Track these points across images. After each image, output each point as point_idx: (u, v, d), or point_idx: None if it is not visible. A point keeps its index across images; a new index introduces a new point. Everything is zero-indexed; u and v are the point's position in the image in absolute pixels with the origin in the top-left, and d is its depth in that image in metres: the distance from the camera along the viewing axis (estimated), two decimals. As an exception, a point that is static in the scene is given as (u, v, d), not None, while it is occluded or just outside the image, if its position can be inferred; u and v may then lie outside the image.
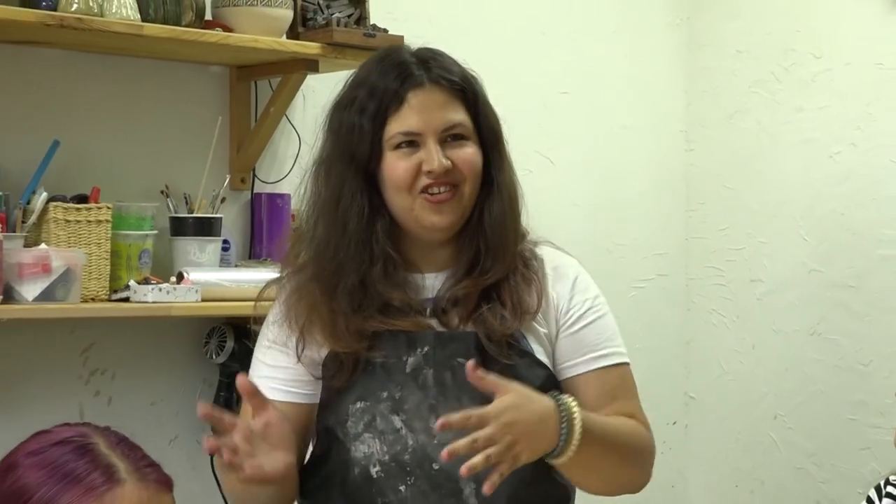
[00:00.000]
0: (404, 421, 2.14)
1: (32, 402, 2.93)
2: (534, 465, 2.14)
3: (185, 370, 3.17)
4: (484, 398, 2.09)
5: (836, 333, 3.85)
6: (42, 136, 2.88)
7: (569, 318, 2.27)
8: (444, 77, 2.17)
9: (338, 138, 2.20)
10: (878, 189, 3.78)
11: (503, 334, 2.17)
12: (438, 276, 2.23)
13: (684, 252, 4.19)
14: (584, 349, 2.26)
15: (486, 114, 2.24)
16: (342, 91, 2.24)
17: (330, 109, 2.26)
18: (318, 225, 2.22)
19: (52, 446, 1.76)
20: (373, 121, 2.15)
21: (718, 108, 4.13)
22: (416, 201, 2.15)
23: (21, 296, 2.69)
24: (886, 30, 3.76)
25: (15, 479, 1.74)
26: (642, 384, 4.11)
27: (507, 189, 2.26)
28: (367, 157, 2.16)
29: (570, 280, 2.33)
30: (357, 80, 2.22)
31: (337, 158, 2.19)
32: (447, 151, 2.15)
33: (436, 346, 2.17)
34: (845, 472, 3.81)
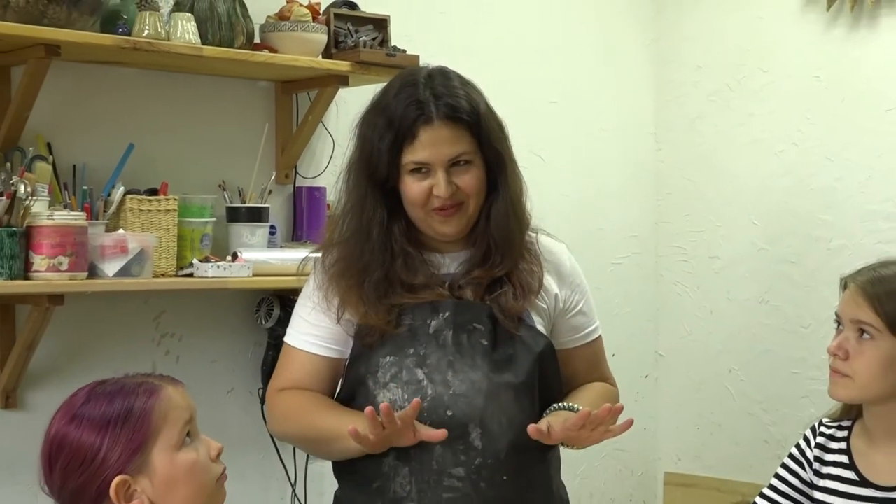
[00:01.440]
0: (426, 374, 2.16)
1: (114, 361, 2.93)
2: (530, 411, 2.20)
3: (239, 334, 3.18)
4: (492, 360, 2.17)
5: (781, 301, 3.86)
6: (119, 140, 2.89)
7: (566, 309, 2.36)
8: (451, 114, 2.17)
9: (362, 154, 2.22)
10: (815, 181, 3.78)
11: (513, 312, 2.21)
12: (455, 255, 2.27)
13: (654, 234, 4.20)
14: (576, 331, 2.39)
15: (488, 134, 2.23)
16: (369, 107, 2.25)
17: (359, 120, 2.26)
18: (348, 222, 2.25)
19: (84, 405, 1.80)
20: (390, 150, 2.17)
21: (682, 114, 4.13)
22: (428, 215, 2.20)
23: (103, 272, 2.71)
24: (822, 49, 3.76)
25: (73, 442, 1.77)
26: (620, 345, 4.17)
27: (510, 194, 2.27)
28: (386, 177, 2.19)
29: (566, 271, 2.40)
30: (380, 105, 2.22)
31: (360, 172, 2.22)
32: (453, 177, 2.18)
33: (455, 313, 2.20)
34: (788, 416, 3.82)
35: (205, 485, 1.81)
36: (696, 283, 4.10)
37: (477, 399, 2.15)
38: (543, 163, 3.87)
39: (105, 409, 1.77)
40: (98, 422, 1.77)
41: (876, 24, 3.64)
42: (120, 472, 1.75)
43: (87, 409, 1.78)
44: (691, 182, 4.10)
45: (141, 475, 1.76)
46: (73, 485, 1.77)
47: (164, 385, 1.82)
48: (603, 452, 4.02)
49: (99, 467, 1.75)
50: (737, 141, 3.98)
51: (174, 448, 1.77)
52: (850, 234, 3.68)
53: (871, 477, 2.22)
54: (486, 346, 2.19)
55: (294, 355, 2.28)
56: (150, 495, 1.76)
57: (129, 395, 1.79)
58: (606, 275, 4.04)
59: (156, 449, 1.76)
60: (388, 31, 3.20)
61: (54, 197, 2.71)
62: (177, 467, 1.77)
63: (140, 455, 1.76)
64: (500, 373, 2.18)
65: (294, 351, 2.28)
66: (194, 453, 1.79)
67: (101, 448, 1.75)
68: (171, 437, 1.77)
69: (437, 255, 2.25)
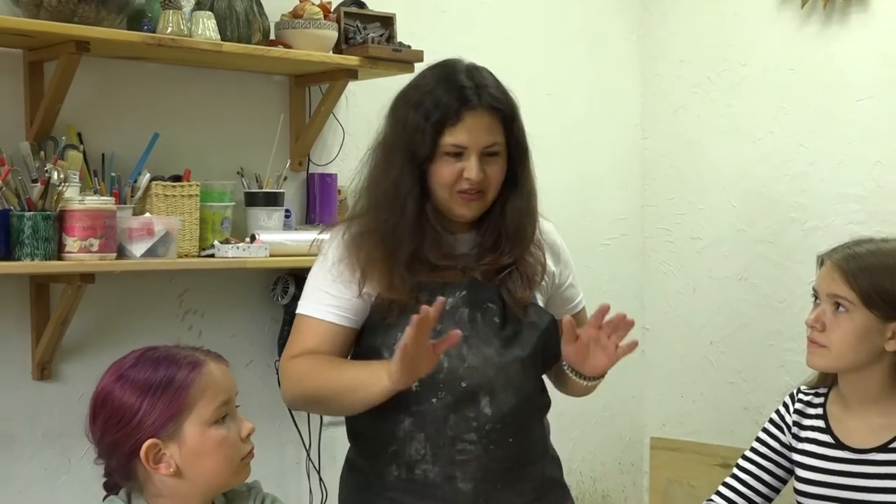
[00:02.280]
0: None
1: (140, 336, 2.93)
2: (534, 381, 2.25)
3: (257, 310, 3.18)
4: (502, 336, 2.21)
5: (758, 278, 3.86)
6: (145, 130, 2.88)
7: (560, 283, 2.39)
8: (493, 104, 2.19)
9: (403, 130, 2.19)
10: (790, 167, 3.78)
11: (521, 300, 2.24)
12: (463, 237, 2.26)
13: (640, 217, 4.19)
14: (567, 303, 2.43)
15: (516, 132, 2.25)
16: (409, 89, 2.23)
17: (397, 100, 2.24)
18: (380, 197, 2.21)
19: (131, 367, 1.80)
20: (434, 128, 2.15)
21: (666, 105, 4.12)
22: (452, 196, 2.19)
23: (131, 253, 2.70)
24: (796, 44, 3.75)
25: (115, 401, 1.77)
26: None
27: (527, 190, 2.29)
28: (425, 156, 2.17)
29: (558, 250, 2.42)
30: (425, 87, 2.20)
31: (401, 149, 2.19)
32: (484, 164, 2.17)
33: (470, 292, 2.22)
34: (765, 385, 3.83)
35: (230, 460, 1.81)
36: (680, 262, 4.09)
37: (489, 371, 2.18)
38: (537, 150, 3.84)
39: (149, 374, 1.78)
40: (141, 385, 1.77)
41: (847, 20, 3.63)
42: (153, 436, 1.75)
43: (133, 372, 1.79)
44: (675, 168, 4.10)
45: (172, 442, 1.76)
46: (109, 438, 1.78)
47: (209, 361, 1.82)
48: (594, 419, 4.03)
49: (135, 428, 1.76)
50: (717, 130, 3.97)
51: (207, 423, 1.77)
52: (822, 216, 3.68)
53: (846, 440, 2.23)
54: (497, 324, 2.22)
55: (311, 324, 2.23)
56: (177, 461, 1.77)
57: (174, 365, 1.78)
58: (596, 255, 4.04)
59: (189, 420, 1.76)
60: (394, 28, 3.19)
61: (85, 183, 2.71)
62: (206, 441, 1.77)
63: (173, 423, 1.76)
64: (509, 347, 2.21)
65: (311, 320, 2.23)
66: (225, 431, 1.79)
67: (139, 410, 1.76)
68: (205, 411, 1.77)
69: (449, 236, 2.24)
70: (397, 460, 2.19)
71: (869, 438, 2.20)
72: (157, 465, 1.76)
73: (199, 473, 1.79)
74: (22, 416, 2.79)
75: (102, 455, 1.81)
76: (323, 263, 2.26)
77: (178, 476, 1.77)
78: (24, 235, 2.52)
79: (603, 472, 4.07)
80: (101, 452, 1.81)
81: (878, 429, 2.20)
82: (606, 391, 4.05)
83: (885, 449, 2.17)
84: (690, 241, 4.06)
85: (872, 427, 2.20)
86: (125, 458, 1.77)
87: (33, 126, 2.73)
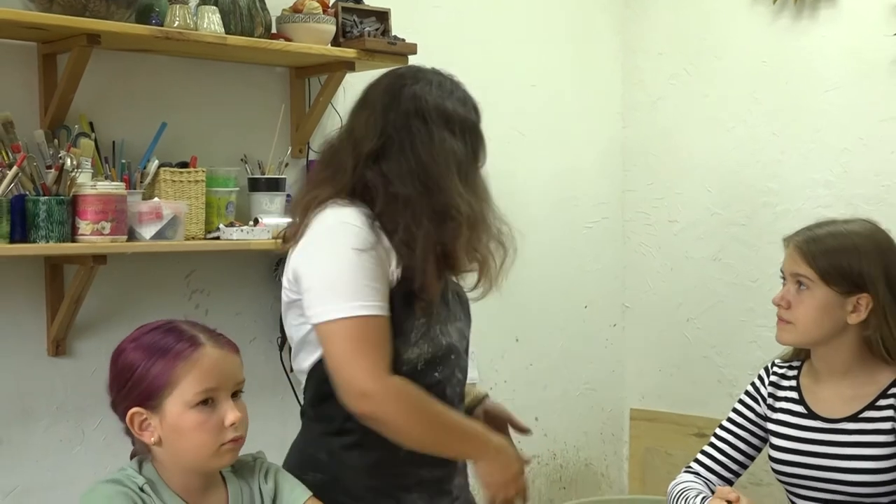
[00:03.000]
0: (439, 329, 2.11)
1: (150, 314, 2.89)
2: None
3: (260, 289, 3.16)
4: (462, 311, 2.24)
5: (732, 259, 3.85)
6: (153, 119, 2.86)
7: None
8: None
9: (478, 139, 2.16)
10: (762, 154, 3.77)
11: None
12: None
13: (621, 201, 4.18)
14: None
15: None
16: (454, 105, 2.12)
17: (448, 111, 2.10)
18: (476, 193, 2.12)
19: (147, 332, 1.79)
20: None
21: (646, 96, 4.10)
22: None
23: (141, 235, 2.69)
24: (768, 37, 3.74)
25: (123, 360, 1.77)
26: (591, 298, 4.16)
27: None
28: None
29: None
30: (469, 116, 2.14)
31: (474, 161, 2.14)
32: None
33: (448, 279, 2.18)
34: (738, 359, 3.82)
35: (205, 445, 1.75)
36: (658, 244, 4.08)
37: (462, 342, 2.21)
38: (524, 138, 3.85)
39: (153, 343, 1.77)
40: (142, 353, 1.76)
41: (816, 15, 3.62)
42: (139, 405, 1.74)
43: (146, 338, 1.79)
44: (653, 156, 4.08)
45: (154, 414, 1.75)
46: (112, 395, 1.79)
47: (207, 345, 1.77)
48: (577, 392, 4.03)
49: (127, 392, 1.76)
50: (693, 119, 3.95)
51: (187, 404, 1.73)
52: (792, 200, 3.67)
53: (819, 410, 2.23)
54: (458, 300, 2.22)
55: (378, 324, 1.96)
56: (159, 433, 1.75)
57: (172, 341, 1.77)
58: (579, 237, 4.03)
59: (171, 397, 1.74)
60: (390, 22, 3.18)
61: (96, 169, 2.69)
62: (183, 420, 1.74)
63: (157, 397, 1.74)
64: (465, 321, 2.24)
65: (377, 320, 1.96)
66: (204, 416, 1.74)
67: (132, 376, 1.75)
68: (187, 392, 1.73)
69: None
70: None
71: (840, 409, 2.20)
72: (141, 433, 1.76)
73: (178, 449, 1.76)
74: (38, 390, 2.78)
75: (111, 408, 1.82)
76: (357, 258, 1.95)
77: (160, 446, 1.76)
78: (39, 219, 2.50)
79: (585, 441, 4.07)
80: (114, 406, 1.81)
81: (849, 399, 2.19)
82: (589, 365, 4.08)
83: (856, 419, 2.17)
84: (668, 224, 4.05)
85: (844, 398, 2.20)
86: (122, 418, 1.78)
87: (47, 115, 2.71)
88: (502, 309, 3.73)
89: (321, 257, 1.98)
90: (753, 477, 3.19)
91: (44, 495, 2.78)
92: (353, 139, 2.08)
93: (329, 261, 1.97)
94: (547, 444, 3.93)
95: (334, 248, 1.97)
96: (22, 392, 2.76)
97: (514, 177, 3.82)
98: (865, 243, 2.17)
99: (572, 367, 4.02)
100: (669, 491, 2.32)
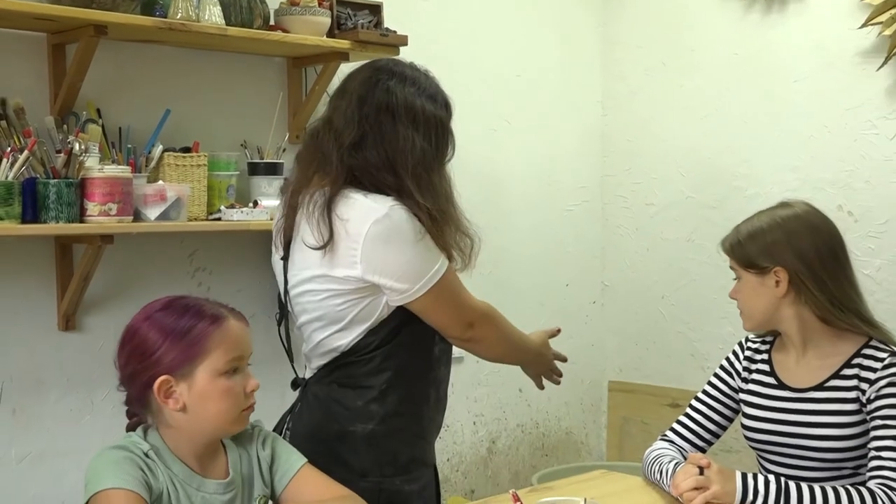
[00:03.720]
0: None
1: (155, 291, 2.87)
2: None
3: (259, 268, 3.14)
4: None
5: (704, 240, 3.84)
6: (158, 106, 2.84)
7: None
8: None
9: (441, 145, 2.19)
10: (733, 140, 3.76)
11: None
12: None
13: (601, 185, 4.17)
14: None
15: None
16: (436, 106, 2.18)
17: (432, 111, 2.16)
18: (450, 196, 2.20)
19: (164, 308, 1.79)
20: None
21: (625, 86, 4.09)
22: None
23: (146, 216, 2.67)
24: (740, 30, 3.73)
25: (144, 334, 1.77)
26: (572, 277, 4.15)
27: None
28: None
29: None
30: (437, 113, 2.17)
31: (438, 159, 2.18)
32: None
33: None
34: (710, 334, 3.82)
35: (230, 410, 1.79)
36: (635, 226, 4.08)
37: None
38: (510, 126, 3.84)
39: (175, 320, 1.78)
40: (164, 328, 1.77)
41: (785, 9, 3.61)
42: (167, 373, 1.74)
43: (161, 315, 1.79)
44: (631, 142, 4.07)
45: (183, 381, 1.75)
46: (131, 369, 1.78)
47: (231, 318, 1.81)
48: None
49: (153, 363, 1.76)
50: (669, 108, 3.94)
51: (217, 372, 1.77)
52: (761, 184, 3.66)
53: (787, 380, 2.23)
54: None
55: (452, 269, 2.17)
56: (185, 399, 1.76)
57: (197, 316, 1.78)
58: (561, 219, 4.03)
59: (202, 366, 1.75)
60: (382, 15, 3.15)
61: (104, 154, 2.67)
62: (214, 387, 1.76)
63: (188, 366, 1.75)
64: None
65: (451, 266, 2.17)
66: (232, 382, 1.78)
67: (159, 349, 1.75)
68: (218, 362, 1.76)
69: None
70: (433, 385, 2.25)
71: (807, 378, 2.20)
72: (166, 399, 1.76)
73: (202, 414, 1.78)
74: (49, 363, 2.77)
75: (124, 382, 1.81)
76: (419, 235, 2.10)
77: (184, 412, 1.76)
78: (49, 200, 2.49)
79: (567, 411, 4.07)
80: (123, 380, 1.81)
81: (815, 370, 2.20)
82: (570, 340, 4.06)
83: (822, 388, 2.17)
84: (645, 207, 4.04)
85: (811, 368, 2.21)
86: (141, 388, 1.78)
87: (57, 102, 2.69)
88: (487, 285, 3.72)
89: (395, 249, 2.09)
90: (724, 444, 3.20)
91: (55, 461, 2.77)
92: (334, 129, 2.15)
93: (402, 248, 2.09)
94: (530, 414, 3.93)
95: (399, 238, 2.08)
96: (34, 364, 2.74)
97: (501, 162, 3.81)
98: (772, 223, 2.22)
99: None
100: (645, 457, 2.32)
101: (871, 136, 3.43)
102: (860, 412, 2.12)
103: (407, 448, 2.19)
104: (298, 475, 1.88)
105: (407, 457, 2.18)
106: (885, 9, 3.29)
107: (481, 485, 3.76)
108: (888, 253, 3.40)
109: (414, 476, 2.18)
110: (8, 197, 2.42)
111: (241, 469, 1.85)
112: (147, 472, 1.73)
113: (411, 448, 2.20)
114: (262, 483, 1.87)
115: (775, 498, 2.00)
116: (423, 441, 2.24)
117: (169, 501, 1.75)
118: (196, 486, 1.79)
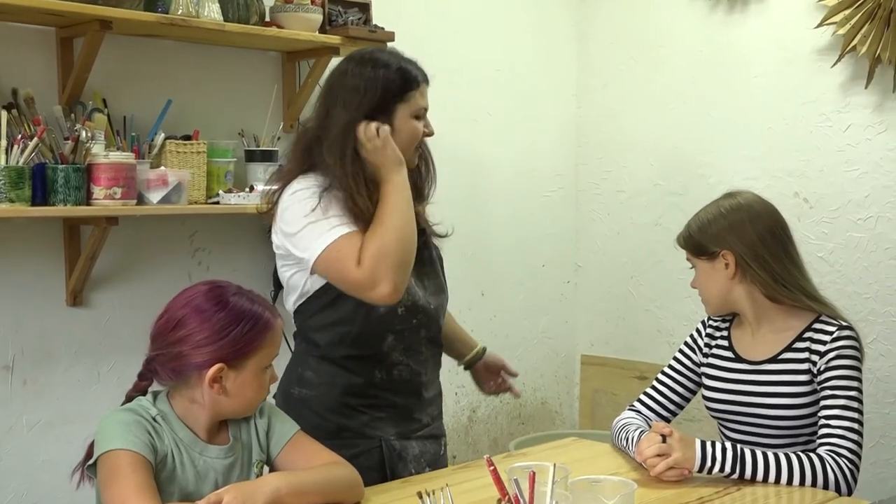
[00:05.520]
0: (414, 282, 2.19)
1: (158, 270, 2.92)
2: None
3: (255, 248, 3.14)
4: (437, 271, 2.27)
5: (671, 224, 3.84)
6: (160, 97, 2.83)
7: None
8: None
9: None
10: (698, 131, 3.77)
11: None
12: None
13: (575, 173, 4.17)
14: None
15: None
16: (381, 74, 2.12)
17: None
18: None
19: (224, 297, 1.78)
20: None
21: (597, 80, 4.09)
22: (415, 151, 2.21)
23: (149, 200, 2.67)
24: (705, 28, 3.73)
25: (218, 319, 1.75)
26: (548, 258, 4.15)
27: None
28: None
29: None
30: (376, 94, 2.12)
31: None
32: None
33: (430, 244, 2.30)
34: (675, 311, 3.84)
35: (258, 398, 1.83)
36: (607, 211, 4.09)
37: (440, 297, 2.27)
38: (490, 118, 3.83)
39: (247, 305, 1.76)
40: (227, 322, 1.74)
41: (747, 9, 3.61)
42: (225, 361, 1.74)
43: (235, 300, 1.76)
44: (603, 133, 4.08)
45: (233, 371, 1.75)
46: (180, 349, 1.74)
47: (278, 320, 1.81)
48: (535, 339, 4.04)
49: (208, 351, 1.74)
50: (639, 101, 3.94)
51: (261, 368, 1.79)
52: (724, 172, 3.67)
53: (744, 354, 2.25)
54: (434, 259, 2.29)
55: (349, 237, 2.05)
56: (228, 386, 1.76)
57: (256, 317, 1.77)
58: (538, 205, 4.03)
59: (251, 361, 1.77)
60: (370, 12, 3.15)
61: (109, 141, 2.67)
62: (254, 379, 1.78)
63: (242, 359, 1.76)
64: (440, 280, 2.30)
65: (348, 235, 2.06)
66: (266, 376, 1.81)
67: (220, 339, 1.74)
68: (263, 360, 1.79)
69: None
70: (380, 366, 2.17)
71: (762, 352, 2.21)
72: (213, 384, 1.76)
73: (237, 399, 1.79)
74: (58, 336, 2.77)
75: (161, 355, 1.76)
76: (313, 209, 2.09)
77: (223, 395, 1.77)
78: (57, 185, 2.49)
79: (542, 383, 4.09)
80: (162, 354, 1.76)
81: (769, 343, 2.21)
82: (545, 317, 4.09)
83: (775, 360, 2.19)
84: (616, 194, 4.05)
85: (766, 342, 2.22)
86: (187, 367, 1.75)
87: (65, 92, 2.68)
88: (469, 266, 3.74)
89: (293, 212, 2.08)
90: (688, 414, 3.20)
91: (63, 428, 2.77)
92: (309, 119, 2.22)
93: (296, 221, 2.08)
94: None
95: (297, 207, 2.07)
96: (44, 338, 2.74)
97: (482, 152, 3.81)
98: (717, 213, 2.23)
99: (531, 319, 4.04)
100: (613, 426, 2.34)
101: (825, 129, 3.44)
102: (811, 383, 2.14)
103: (334, 416, 2.13)
104: (291, 442, 1.89)
105: (335, 424, 2.13)
106: (839, 9, 3.31)
107: (462, 451, 3.78)
108: (840, 237, 3.42)
109: (346, 443, 2.08)
110: (19, 181, 2.41)
111: (241, 436, 1.86)
112: (154, 435, 1.74)
113: (340, 416, 2.13)
114: (260, 449, 1.87)
115: (731, 463, 2.03)
116: (359, 413, 2.14)
117: (173, 463, 1.76)
118: (199, 450, 1.79)
